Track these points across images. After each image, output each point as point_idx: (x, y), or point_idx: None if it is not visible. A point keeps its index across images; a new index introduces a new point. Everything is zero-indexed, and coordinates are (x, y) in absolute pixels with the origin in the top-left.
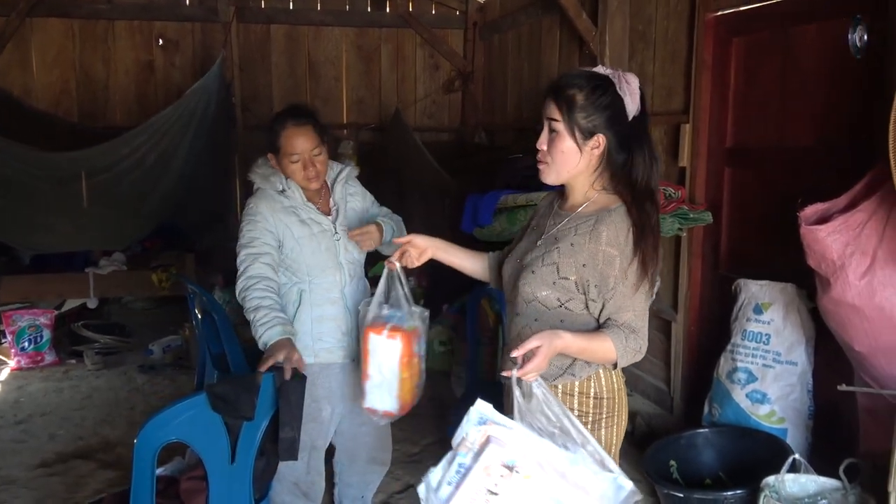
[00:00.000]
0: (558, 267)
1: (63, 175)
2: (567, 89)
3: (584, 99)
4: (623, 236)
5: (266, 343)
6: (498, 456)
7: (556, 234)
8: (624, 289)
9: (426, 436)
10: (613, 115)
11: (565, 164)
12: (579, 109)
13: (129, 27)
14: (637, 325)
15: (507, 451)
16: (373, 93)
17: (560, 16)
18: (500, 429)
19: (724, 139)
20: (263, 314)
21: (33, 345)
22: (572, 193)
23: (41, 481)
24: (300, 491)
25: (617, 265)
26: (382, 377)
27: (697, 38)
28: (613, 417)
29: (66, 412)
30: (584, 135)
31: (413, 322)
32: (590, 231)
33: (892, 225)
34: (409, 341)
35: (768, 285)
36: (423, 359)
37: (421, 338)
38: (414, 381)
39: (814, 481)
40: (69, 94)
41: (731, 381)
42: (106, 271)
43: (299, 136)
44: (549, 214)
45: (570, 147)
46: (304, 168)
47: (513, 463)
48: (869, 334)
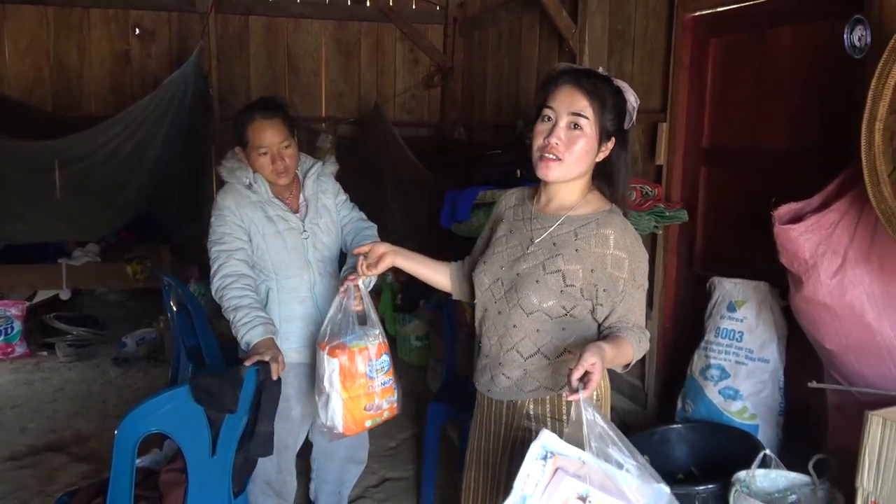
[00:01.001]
0: (564, 275)
1: (36, 164)
2: (598, 86)
3: (611, 99)
4: (629, 238)
5: (249, 343)
6: (573, 489)
7: (552, 239)
8: (633, 291)
9: (402, 430)
10: (623, 120)
11: (579, 164)
12: (608, 110)
13: (105, 16)
14: (642, 323)
15: (579, 482)
16: (352, 87)
17: (540, 13)
18: (567, 460)
19: (701, 138)
20: (244, 314)
21: (3, 336)
22: (563, 195)
23: (11, 474)
24: (272, 490)
25: (626, 267)
26: (328, 395)
27: (676, 37)
28: (607, 413)
29: (38, 405)
30: (605, 137)
31: (363, 342)
32: (594, 235)
33: (863, 225)
34: (353, 361)
35: (742, 283)
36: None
37: (373, 360)
38: (360, 403)
39: (784, 476)
40: (42, 83)
41: (704, 377)
42: (79, 262)
43: (267, 128)
44: (525, 217)
45: (592, 147)
46: (272, 162)
47: (586, 493)
48: (839, 332)
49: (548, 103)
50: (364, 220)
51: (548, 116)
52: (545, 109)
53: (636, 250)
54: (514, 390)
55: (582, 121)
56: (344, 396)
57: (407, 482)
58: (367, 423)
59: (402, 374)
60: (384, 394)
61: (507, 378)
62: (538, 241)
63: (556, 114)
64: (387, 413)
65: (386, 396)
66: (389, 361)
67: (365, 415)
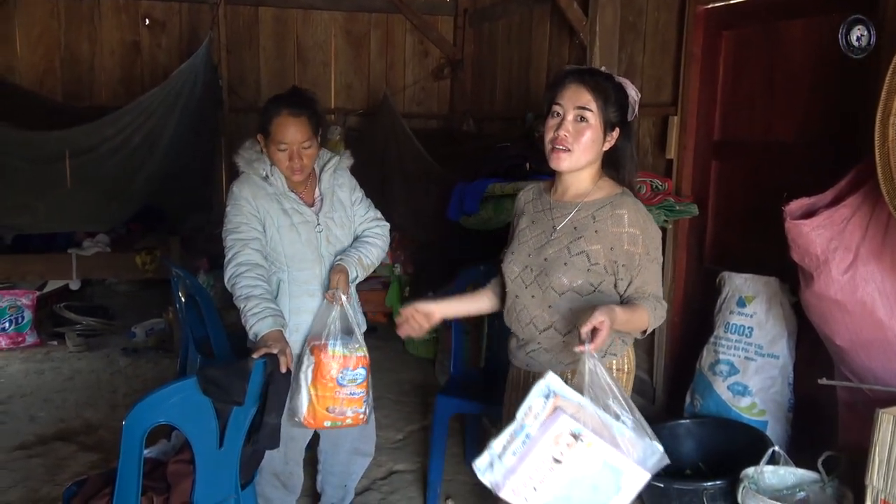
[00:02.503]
0: (588, 255)
1: (45, 154)
2: (602, 82)
3: (613, 94)
4: (641, 216)
5: (257, 334)
6: (567, 426)
7: (573, 224)
8: (648, 264)
9: (410, 422)
10: (626, 112)
11: (586, 153)
12: (611, 104)
13: (115, 6)
14: (659, 294)
15: (574, 421)
16: (361, 78)
17: (551, 5)
18: (567, 401)
19: (712, 132)
20: (254, 304)
21: (14, 325)
22: (576, 183)
23: (20, 463)
24: (279, 482)
25: (640, 243)
26: (299, 384)
27: (687, 30)
28: (629, 387)
29: (47, 394)
30: (609, 127)
31: (342, 350)
32: (610, 216)
33: (876, 221)
34: (328, 364)
35: (752, 278)
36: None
37: (348, 369)
38: (324, 403)
39: (792, 473)
40: (53, 74)
41: (713, 372)
42: (89, 253)
43: (291, 125)
44: (545, 208)
45: (598, 137)
46: (289, 159)
47: (578, 432)
48: (850, 329)
49: (556, 100)
50: (379, 219)
51: (557, 112)
52: (554, 106)
53: (648, 227)
54: (554, 363)
55: (587, 113)
56: (311, 392)
57: (414, 474)
58: (326, 423)
59: (411, 368)
60: (350, 403)
61: (546, 352)
62: (560, 228)
63: (564, 109)
64: (350, 420)
65: (352, 406)
66: (365, 376)
67: (326, 415)
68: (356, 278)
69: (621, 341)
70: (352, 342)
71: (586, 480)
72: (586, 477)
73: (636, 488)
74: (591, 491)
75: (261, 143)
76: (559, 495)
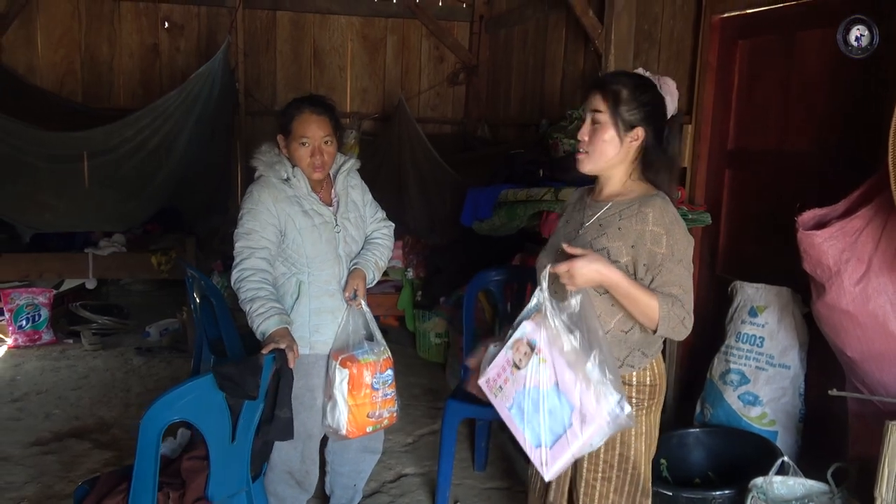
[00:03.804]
0: (609, 251)
1: (64, 154)
2: (613, 84)
3: (628, 94)
4: (668, 217)
5: (264, 333)
6: (526, 334)
7: (599, 221)
8: (671, 265)
9: (421, 426)
10: (653, 111)
11: (603, 154)
12: (624, 103)
13: (135, 9)
14: (684, 298)
15: (534, 332)
16: (377, 83)
17: (566, 13)
18: (537, 315)
19: (726, 141)
20: (260, 305)
21: (31, 323)
22: (608, 184)
23: (36, 459)
24: (294, 480)
25: (664, 243)
26: (335, 400)
27: (703, 39)
28: (660, 401)
29: (63, 391)
30: (626, 127)
31: (371, 356)
32: (635, 214)
33: (889, 233)
34: (361, 373)
35: (764, 288)
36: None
37: (379, 373)
38: (364, 411)
39: (801, 484)
40: (74, 75)
41: (723, 382)
42: (105, 252)
43: (313, 121)
44: (581, 208)
45: (612, 137)
46: (311, 154)
47: (535, 343)
48: (861, 341)
49: (582, 108)
50: (385, 219)
51: (582, 119)
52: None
53: (675, 228)
54: None
55: (599, 115)
56: (350, 403)
57: (424, 478)
58: (368, 428)
59: (422, 371)
60: (386, 404)
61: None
62: (587, 225)
63: (584, 115)
64: (386, 421)
65: (387, 406)
66: (392, 376)
67: (367, 421)
68: (373, 280)
69: (640, 353)
70: (376, 346)
71: (543, 401)
72: (542, 396)
73: (588, 432)
74: (548, 415)
75: (281, 143)
76: (520, 404)
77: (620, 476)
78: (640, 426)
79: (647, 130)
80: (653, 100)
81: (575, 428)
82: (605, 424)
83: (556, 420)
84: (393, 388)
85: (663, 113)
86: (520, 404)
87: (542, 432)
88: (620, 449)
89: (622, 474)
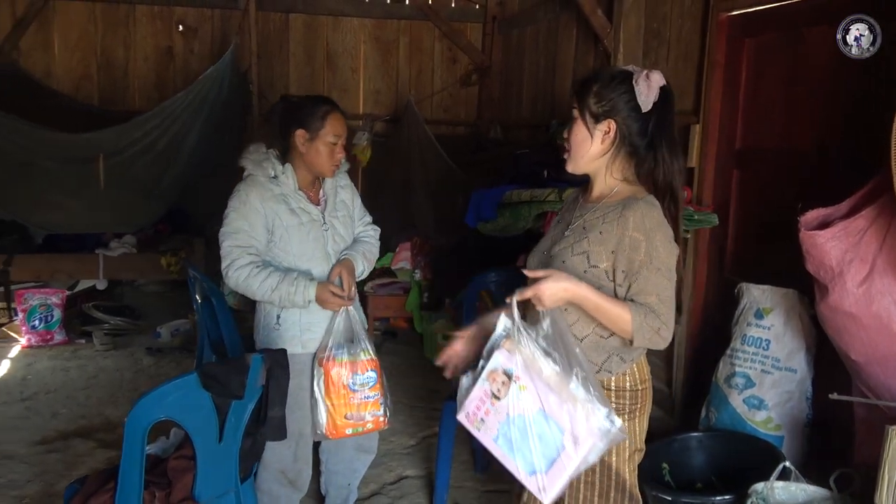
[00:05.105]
0: (589, 255)
1: (75, 156)
2: (584, 81)
3: (598, 87)
4: (650, 222)
5: (309, 300)
6: (500, 364)
7: (583, 223)
8: (648, 273)
9: (424, 428)
10: (624, 104)
11: (580, 152)
12: (592, 95)
13: (150, 12)
14: (660, 309)
15: (508, 361)
16: (389, 84)
17: (577, 13)
18: (507, 342)
19: (734, 140)
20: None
21: (44, 323)
22: (595, 184)
23: (39, 458)
24: (286, 479)
25: (643, 250)
26: (316, 399)
27: (710, 37)
28: (644, 405)
29: (71, 391)
30: (595, 119)
31: (348, 356)
32: (617, 218)
33: (893, 233)
34: (337, 373)
35: (770, 290)
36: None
37: (357, 374)
38: (341, 412)
39: (803, 490)
40: (90, 78)
41: (728, 385)
42: (115, 253)
43: (341, 122)
44: (573, 208)
45: (583, 132)
46: (335, 153)
47: (511, 371)
48: (865, 343)
49: None
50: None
51: None
52: None
53: (656, 234)
54: None
55: (572, 113)
56: (327, 403)
57: (423, 480)
58: (347, 430)
59: (428, 373)
60: (367, 407)
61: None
62: (573, 226)
63: None
64: (370, 425)
65: (370, 410)
66: (376, 378)
67: (346, 423)
68: (362, 272)
69: (618, 358)
70: (356, 347)
71: (530, 428)
72: (529, 423)
73: (583, 451)
74: (538, 441)
75: (301, 138)
76: (506, 434)
77: (604, 481)
78: None
79: (619, 122)
80: (626, 91)
81: (569, 450)
82: (599, 440)
83: (547, 445)
84: (377, 391)
85: (636, 104)
86: (506, 434)
87: (535, 459)
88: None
89: (605, 479)
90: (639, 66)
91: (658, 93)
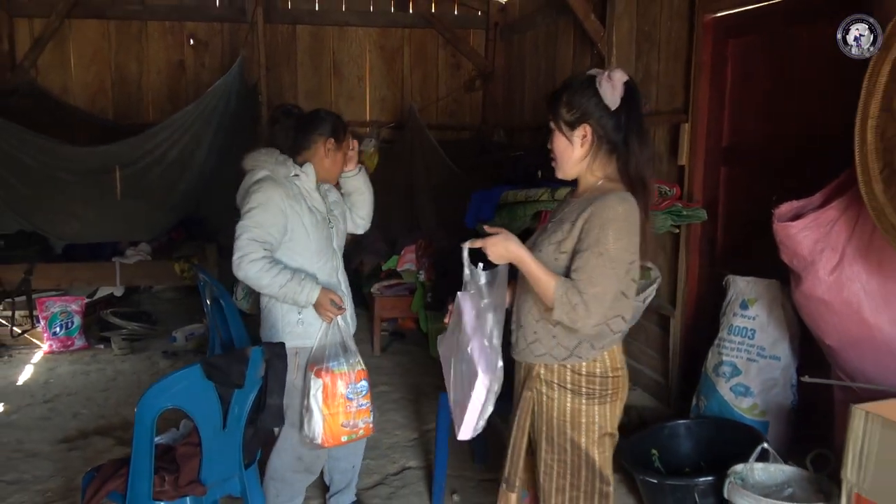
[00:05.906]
0: (560, 243)
1: (90, 168)
2: (555, 94)
3: (567, 97)
4: (610, 213)
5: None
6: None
7: (562, 217)
8: (589, 255)
9: (427, 422)
10: (594, 106)
11: (563, 158)
12: (563, 106)
13: (162, 28)
14: (585, 288)
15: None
16: (395, 91)
17: (573, 17)
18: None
19: (721, 138)
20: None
21: (64, 330)
22: (581, 183)
23: (62, 455)
24: (303, 465)
25: (593, 235)
26: (311, 410)
27: (696, 38)
28: (617, 393)
29: (91, 393)
30: (570, 127)
31: (344, 367)
32: (585, 208)
33: (862, 223)
34: (335, 383)
35: (754, 281)
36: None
37: (353, 384)
38: (338, 420)
39: (782, 470)
40: (105, 93)
41: (716, 374)
42: (131, 261)
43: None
44: (563, 205)
45: (563, 141)
46: (349, 161)
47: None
48: (838, 328)
49: None
50: None
51: None
52: None
53: (611, 224)
54: (528, 353)
55: (551, 124)
56: (325, 413)
57: (424, 471)
58: (342, 437)
59: (432, 370)
60: (360, 414)
61: (524, 340)
62: (554, 220)
63: None
64: (361, 432)
65: (362, 417)
66: (367, 387)
67: (342, 430)
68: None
69: (588, 345)
70: (350, 358)
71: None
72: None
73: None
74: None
75: (327, 145)
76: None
77: (575, 461)
78: (593, 415)
79: (593, 124)
80: (593, 96)
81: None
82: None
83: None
84: (368, 399)
85: (604, 106)
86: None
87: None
88: (571, 434)
89: (576, 459)
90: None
91: (623, 89)
